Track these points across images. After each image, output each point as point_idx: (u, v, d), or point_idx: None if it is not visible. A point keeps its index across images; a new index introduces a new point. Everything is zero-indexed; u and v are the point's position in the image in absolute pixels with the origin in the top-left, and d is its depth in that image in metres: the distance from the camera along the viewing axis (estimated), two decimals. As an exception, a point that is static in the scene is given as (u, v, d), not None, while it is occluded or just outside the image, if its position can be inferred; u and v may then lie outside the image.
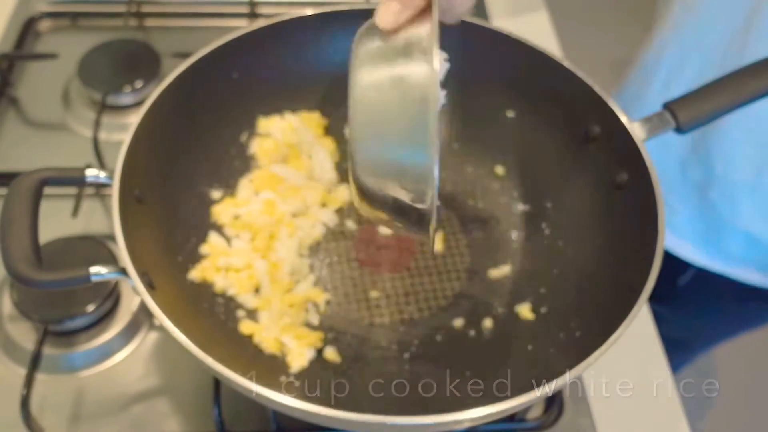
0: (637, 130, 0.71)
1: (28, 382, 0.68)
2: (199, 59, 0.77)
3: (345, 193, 0.84)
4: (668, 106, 0.71)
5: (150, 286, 0.61)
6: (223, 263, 0.74)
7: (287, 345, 0.69)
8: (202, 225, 0.78)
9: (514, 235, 0.82)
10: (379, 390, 0.68)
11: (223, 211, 0.79)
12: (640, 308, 0.60)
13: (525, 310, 0.74)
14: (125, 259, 0.60)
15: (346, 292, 0.77)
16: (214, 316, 0.71)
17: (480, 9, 1.15)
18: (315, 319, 0.74)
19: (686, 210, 0.97)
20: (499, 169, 0.86)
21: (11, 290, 0.74)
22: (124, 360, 0.75)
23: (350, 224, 0.82)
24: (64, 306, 0.73)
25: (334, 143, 0.88)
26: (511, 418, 0.71)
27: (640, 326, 0.81)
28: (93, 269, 0.59)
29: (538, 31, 1.15)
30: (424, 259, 0.80)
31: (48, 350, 0.72)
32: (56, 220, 0.82)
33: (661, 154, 0.84)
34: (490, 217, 0.84)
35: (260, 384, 0.56)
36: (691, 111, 0.70)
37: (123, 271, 0.60)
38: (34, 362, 0.70)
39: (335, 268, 0.79)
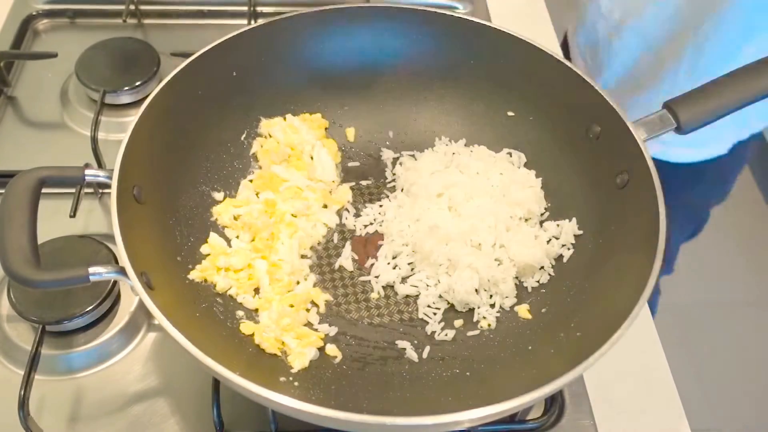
0: (637, 130, 0.71)
1: (26, 382, 0.67)
2: (198, 57, 0.77)
3: (346, 193, 0.84)
4: (669, 106, 0.71)
5: (149, 287, 0.60)
6: (223, 263, 0.74)
7: (289, 345, 0.69)
8: (202, 225, 0.78)
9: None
10: (379, 390, 0.68)
11: (223, 211, 0.79)
12: (640, 309, 0.59)
13: (523, 311, 0.74)
14: (123, 259, 0.59)
15: (346, 292, 0.77)
16: (213, 316, 0.71)
17: (481, 8, 1.14)
18: (315, 319, 0.74)
19: None
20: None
21: (9, 290, 0.73)
22: (122, 360, 0.75)
23: (350, 224, 0.82)
24: (62, 306, 0.73)
25: (336, 144, 0.87)
26: (512, 418, 0.71)
27: (640, 326, 0.81)
28: (92, 269, 0.59)
29: (538, 30, 1.14)
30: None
31: (46, 351, 0.72)
32: (55, 219, 0.82)
33: None
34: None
35: (259, 384, 0.55)
36: (692, 111, 0.70)
37: (122, 271, 0.59)
38: (32, 363, 0.69)
39: (336, 268, 0.78)
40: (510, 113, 0.85)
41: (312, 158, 0.85)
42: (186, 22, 1.12)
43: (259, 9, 1.11)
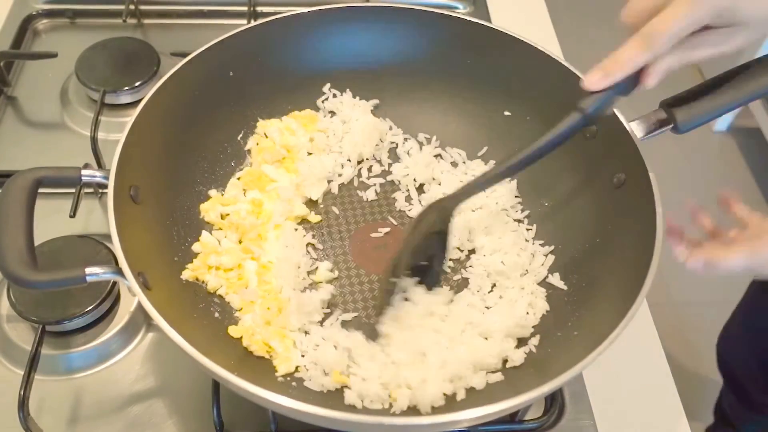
0: (634, 129, 0.71)
1: (26, 382, 0.67)
2: (195, 58, 0.77)
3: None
4: (665, 105, 0.70)
5: (146, 287, 0.60)
6: (214, 262, 0.73)
7: (275, 348, 0.68)
8: (199, 225, 0.78)
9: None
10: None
11: (210, 208, 0.78)
12: (637, 308, 0.59)
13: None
14: (120, 259, 0.59)
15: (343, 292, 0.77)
16: (210, 316, 0.71)
17: (481, 8, 1.14)
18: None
19: None
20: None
21: (9, 291, 0.73)
22: (122, 360, 0.75)
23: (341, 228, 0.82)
24: (62, 306, 0.73)
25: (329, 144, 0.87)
26: (512, 418, 0.71)
27: (641, 326, 0.81)
28: (88, 270, 0.59)
29: (538, 30, 1.14)
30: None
31: (46, 351, 0.72)
32: (55, 219, 0.82)
33: None
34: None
35: (257, 385, 0.55)
36: (688, 110, 0.69)
37: (119, 272, 0.59)
38: (32, 363, 0.69)
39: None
40: (507, 113, 0.85)
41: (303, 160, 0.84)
42: (186, 22, 1.12)
43: (259, 9, 1.10)
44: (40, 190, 0.63)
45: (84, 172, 0.65)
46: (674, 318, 1.75)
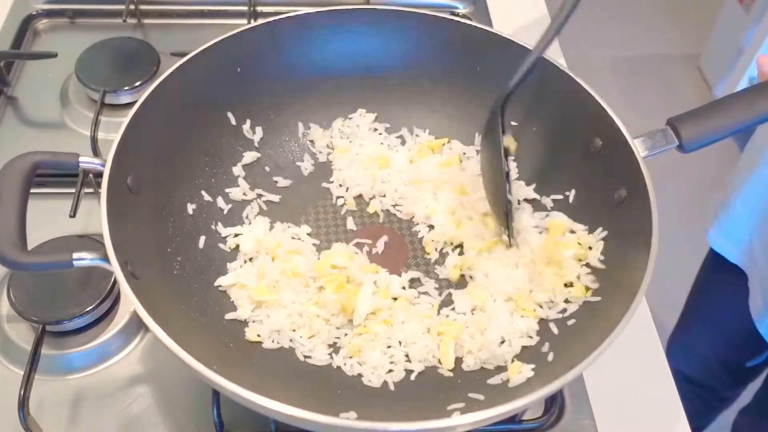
0: (638, 146, 0.70)
1: (26, 382, 0.67)
2: (203, 51, 0.77)
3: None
4: (672, 123, 0.69)
5: (133, 276, 0.60)
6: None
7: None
8: (195, 218, 0.78)
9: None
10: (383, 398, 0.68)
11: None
12: (634, 311, 0.59)
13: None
14: (107, 245, 0.59)
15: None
16: (202, 310, 0.71)
17: (481, 8, 1.14)
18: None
19: None
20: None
21: (9, 290, 0.73)
22: (122, 360, 0.75)
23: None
24: (62, 306, 0.73)
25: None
26: (512, 418, 0.71)
27: (640, 326, 0.81)
28: (75, 254, 0.59)
29: (538, 30, 1.14)
30: (423, 259, 0.80)
31: (46, 351, 0.72)
32: (55, 219, 0.82)
33: None
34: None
35: (244, 387, 0.55)
36: (695, 129, 0.68)
37: (106, 258, 0.59)
38: (32, 363, 0.69)
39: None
40: (513, 123, 0.83)
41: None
42: (186, 22, 1.12)
43: (259, 9, 1.11)
44: (41, 191, 0.63)
45: (81, 158, 0.65)
46: (674, 318, 1.75)
